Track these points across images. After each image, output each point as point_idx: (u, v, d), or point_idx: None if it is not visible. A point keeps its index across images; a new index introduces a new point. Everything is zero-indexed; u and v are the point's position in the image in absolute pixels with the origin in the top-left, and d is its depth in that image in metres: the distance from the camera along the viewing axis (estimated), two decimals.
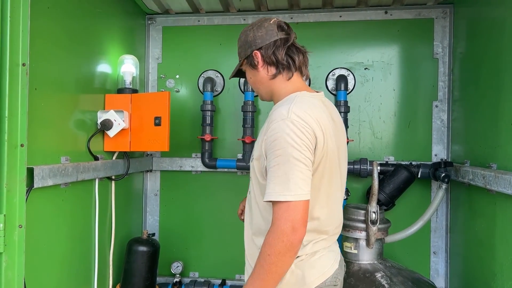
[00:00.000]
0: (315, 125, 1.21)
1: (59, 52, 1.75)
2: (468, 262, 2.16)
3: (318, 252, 1.30)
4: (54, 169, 1.61)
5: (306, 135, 1.18)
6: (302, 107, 1.23)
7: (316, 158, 1.22)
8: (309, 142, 1.18)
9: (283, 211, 1.14)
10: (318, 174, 1.24)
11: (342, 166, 1.40)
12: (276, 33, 1.35)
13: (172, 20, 2.72)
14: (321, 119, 1.24)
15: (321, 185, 1.26)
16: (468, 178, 2.00)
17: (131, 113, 2.12)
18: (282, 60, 1.34)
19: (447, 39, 2.47)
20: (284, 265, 1.16)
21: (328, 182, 1.29)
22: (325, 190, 1.29)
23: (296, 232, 1.13)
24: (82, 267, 1.96)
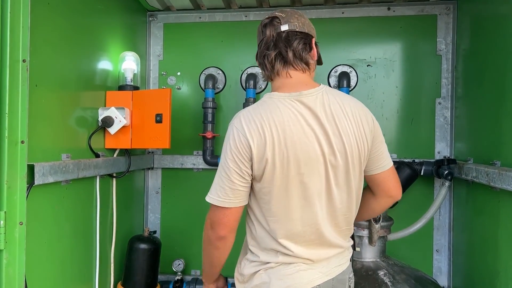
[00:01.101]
0: (255, 135, 1.19)
1: (60, 48, 1.74)
2: (472, 260, 2.14)
3: (293, 266, 1.26)
4: (55, 166, 1.61)
5: (239, 145, 1.20)
6: (249, 115, 1.22)
7: (255, 168, 1.21)
8: (241, 153, 1.20)
9: (209, 209, 1.30)
10: (265, 184, 1.22)
11: (338, 174, 1.24)
12: (260, 35, 1.37)
13: (173, 17, 2.70)
14: (271, 128, 1.18)
15: (271, 197, 1.23)
16: (471, 175, 1.98)
17: (132, 110, 2.11)
18: (270, 62, 1.31)
19: (451, 36, 2.45)
20: (209, 253, 1.36)
21: (283, 194, 1.22)
22: (279, 203, 1.23)
23: (213, 230, 1.29)
24: (84, 265, 1.95)
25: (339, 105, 1.27)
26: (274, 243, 1.28)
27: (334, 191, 1.25)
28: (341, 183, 1.26)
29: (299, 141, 1.20)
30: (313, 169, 1.22)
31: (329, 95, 1.28)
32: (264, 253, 1.31)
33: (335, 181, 1.25)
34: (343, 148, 1.23)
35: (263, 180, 1.22)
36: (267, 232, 1.29)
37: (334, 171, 1.24)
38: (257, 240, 1.32)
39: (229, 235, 1.29)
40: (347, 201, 1.29)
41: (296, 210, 1.25)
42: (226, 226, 1.28)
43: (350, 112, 1.27)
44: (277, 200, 1.24)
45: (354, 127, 1.26)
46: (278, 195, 1.23)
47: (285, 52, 1.28)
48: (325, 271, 1.29)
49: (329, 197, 1.26)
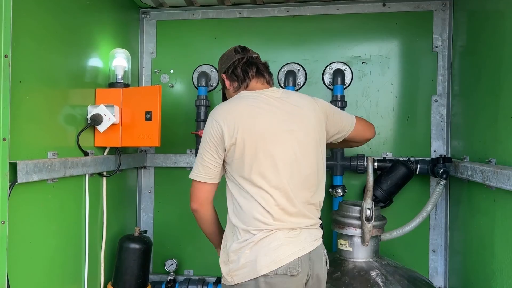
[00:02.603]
0: (228, 120, 1.47)
1: (47, 45, 1.71)
2: (468, 260, 2.10)
3: (275, 241, 1.44)
4: (39, 164, 1.58)
5: (212, 130, 1.49)
6: (222, 107, 1.54)
7: (226, 146, 1.47)
8: (214, 137, 1.49)
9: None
10: (236, 161, 1.47)
11: (298, 149, 1.50)
12: (233, 56, 1.67)
13: (166, 14, 2.67)
14: (241, 114, 1.48)
15: (243, 173, 1.47)
16: (467, 174, 1.95)
17: (122, 108, 2.08)
18: (239, 76, 1.63)
19: (447, 32, 2.41)
20: (197, 220, 1.65)
21: (250, 170, 1.46)
22: (248, 178, 1.46)
23: (192, 202, 1.60)
24: (72, 265, 1.92)
25: (296, 95, 1.63)
26: (253, 213, 1.47)
27: (299, 159, 1.49)
28: (305, 153, 1.51)
29: (268, 122, 1.49)
30: (279, 143, 1.48)
31: (286, 91, 1.64)
32: (245, 227, 1.48)
33: (299, 151, 1.49)
34: (304, 125, 1.52)
35: (234, 157, 1.48)
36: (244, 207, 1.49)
37: (298, 144, 1.50)
38: (237, 217, 1.51)
39: (200, 208, 1.59)
40: (310, 168, 1.52)
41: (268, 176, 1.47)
42: (197, 199, 1.58)
43: (303, 100, 1.60)
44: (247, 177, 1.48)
45: (310, 108, 1.57)
46: (247, 174, 1.47)
47: (260, 67, 1.67)
48: (303, 246, 1.47)
49: (294, 165, 1.48)
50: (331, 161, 2.39)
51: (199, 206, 1.59)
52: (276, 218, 1.45)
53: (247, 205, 1.47)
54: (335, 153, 2.40)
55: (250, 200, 1.47)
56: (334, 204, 2.40)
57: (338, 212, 1.97)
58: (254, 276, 1.42)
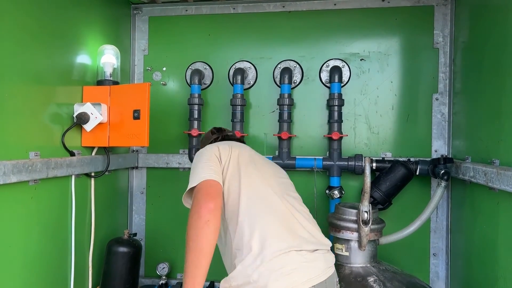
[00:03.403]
0: (223, 144, 1.61)
1: (29, 41, 1.63)
2: (470, 265, 2.02)
3: (287, 266, 1.32)
4: (18, 164, 1.50)
5: (210, 150, 1.55)
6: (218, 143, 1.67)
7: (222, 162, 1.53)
8: (213, 153, 1.54)
9: (194, 197, 1.43)
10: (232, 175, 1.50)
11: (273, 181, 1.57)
12: (210, 136, 1.81)
13: (159, 10, 2.60)
14: (232, 146, 1.59)
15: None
16: (469, 175, 1.86)
17: (110, 106, 2.01)
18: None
19: (448, 28, 2.33)
20: (207, 233, 1.32)
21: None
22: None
23: (207, 202, 1.34)
24: (57, 270, 1.84)
25: None
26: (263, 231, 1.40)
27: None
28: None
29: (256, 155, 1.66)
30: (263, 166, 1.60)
31: None
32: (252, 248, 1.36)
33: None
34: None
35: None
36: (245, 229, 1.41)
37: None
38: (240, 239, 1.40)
39: (217, 210, 1.32)
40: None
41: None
42: (213, 196, 1.35)
43: None
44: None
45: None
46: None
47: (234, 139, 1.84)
48: (318, 273, 1.35)
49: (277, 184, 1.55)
50: (327, 161, 2.31)
51: (219, 205, 1.33)
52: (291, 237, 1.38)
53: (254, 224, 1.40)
54: (332, 153, 2.32)
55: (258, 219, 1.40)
56: (331, 206, 2.32)
57: (334, 215, 1.89)
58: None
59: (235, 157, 1.53)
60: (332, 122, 2.31)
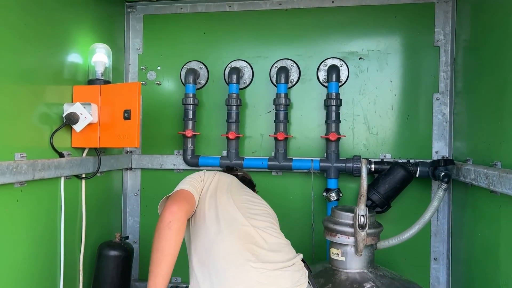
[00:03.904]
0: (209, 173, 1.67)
1: (14, 39, 1.58)
2: (471, 270, 1.95)
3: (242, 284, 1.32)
4: (1, 166, 1.45)
5: (197, 174, 1.64)
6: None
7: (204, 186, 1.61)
8: (198, 176, 1.62)
9: (167, 202, 1.49)
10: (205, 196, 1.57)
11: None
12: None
13: (153, 8, 2.55)
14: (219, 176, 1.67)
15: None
16: (470, 177, 1.80)
17: (100, 106, 1.95)
18: None
19: (450, 26, 2.26)
20: (167, 234, 1.37)
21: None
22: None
23: (171, 205, 1.40)
24: (46, 275, 1.79)
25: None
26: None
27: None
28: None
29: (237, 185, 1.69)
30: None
31: None
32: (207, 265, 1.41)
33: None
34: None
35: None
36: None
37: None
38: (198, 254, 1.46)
39: (180, 213, 1.36)
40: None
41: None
42: (181, 201, 1.41)
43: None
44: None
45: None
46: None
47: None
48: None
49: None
50: (325, 162, 2.25)
51: (183, 208, 1.38)
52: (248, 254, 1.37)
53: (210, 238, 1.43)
54: (330, 154, 2.26)
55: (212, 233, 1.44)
56: (328, 209, 2.26)
57: (330, 218, 1.83)
58: None
59: (215, 182, 1.61)
60: (330, 122, 2.25)
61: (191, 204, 1.47)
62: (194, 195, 1.50)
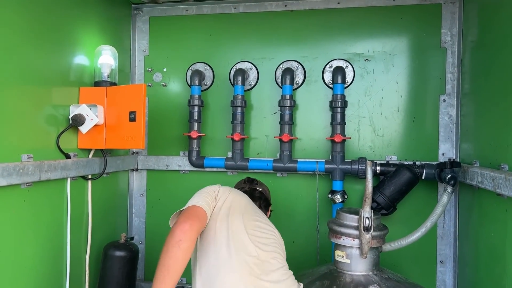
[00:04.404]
0: (223, 189, 1.68)
1: (24, 39, 1.60)
2: (478, 273, 1.93)
3: None
4: (8, 167, 1.47)
5: (210, 188, 1.65)
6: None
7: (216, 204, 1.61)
8: (211, 191, 1.64)
9: (179, 218, 1.51)
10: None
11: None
12: (241, 183, 1.97)
13: (159, 10, 2.56)
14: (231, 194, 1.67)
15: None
16: (476, 180, 1.78)
17: (106, 108, 1.97)
18: None
19: (457, 27, 2.24)
20: (176, 251, 1.39)
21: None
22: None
23: (184, 222, 1.42)
24: (52, 275, 1.81)
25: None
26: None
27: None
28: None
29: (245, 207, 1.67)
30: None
31: None
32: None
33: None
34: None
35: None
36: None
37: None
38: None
39: (193, 231, 1.37)
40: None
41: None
42: (194, 218, 1.41)
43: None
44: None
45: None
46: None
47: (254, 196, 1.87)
48: None
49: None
50: (330, 164, 2.25)
51: (194, 227, 1.38)
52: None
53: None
54: (335, 156, 2.25)
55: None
56: (333, 211, 2.25)
57: (335, 220, 1.82)
58: None
59: (229, 201, 1.61)
60: (335, 124, 2.25)
61: (203, 223, 1.48)
62: (207, 212, 1.51)
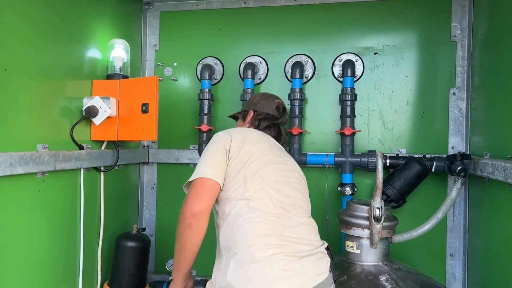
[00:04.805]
0: (237, 134, 1.56)
1: (38, 35, 1.63)
2: (488, 266, 1.93)
3: (269, 273, 1.28)
4: (25, 156, 1.50)
5: (221, 139, 1.55)
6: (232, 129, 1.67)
7: (231, 154, 1.50)
8: (222, 143, 1.53)
9: (189, 191, 1.54)
10: (234, 170, 1.48)
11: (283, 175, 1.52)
12: (272, 110, 1.77)
13: (170, 5, 2.58)
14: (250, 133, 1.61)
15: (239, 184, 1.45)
16: (487, 171, 1.78)
17: (119, 100, 2.00)
18: (261, 127, 1.74)
19: (467, 20, 2.24)
20: (189, 231, 1.43)
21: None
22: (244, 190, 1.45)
23: (195, 204, 1.41)
24: (66, 263, 1.84)
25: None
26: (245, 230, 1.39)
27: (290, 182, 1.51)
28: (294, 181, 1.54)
29: (270, 149, 1.58)
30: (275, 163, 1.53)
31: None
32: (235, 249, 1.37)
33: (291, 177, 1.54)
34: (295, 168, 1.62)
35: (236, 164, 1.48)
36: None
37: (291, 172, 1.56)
38: (227, 237, 1.42)
39: (204, 212, 1.38)
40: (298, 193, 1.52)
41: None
42: (204, 198, 1.39)
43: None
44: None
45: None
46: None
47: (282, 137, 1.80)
48: (305, 280, 1.29)
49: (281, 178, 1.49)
50: (340, 157, 2.26)
51: (204, 208, 1.37)
52: (273, 240, 1.33)
53: (239, 221, 1.38)
54: (344, 149, 2.26)
55: (243, 215, 1.38)
56: (342, 203, 2.26)
57: (345, 211, 1.84)
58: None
59: (244, 153, 1.48)
60: (345, 117, 2.26)
61: (213, 197, 1.43)
62: (219, 182, 1.43)
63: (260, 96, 1.85)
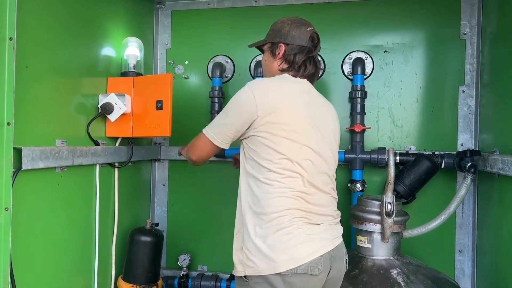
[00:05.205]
0: (266, 98, 1.42)
1: (56, 33, 1.67)
2: (498, 262, 1.95)
3: (294, 237, 1.36)
4: (46, 151, 1.54)
5: (245, 102, 1.42)
6: (264, 81, 1.50)
7: (255, 121, 1.41)
8: (244, 108, 1.43)
9: (199, 142, 1.64)
10: (264, 139, 1.41)
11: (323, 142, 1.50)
12: (306, 41, 1.53)
13: (182, 4, 2.62)
14: (283, 92, 1.46)
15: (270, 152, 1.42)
16: (497, 167, 1.80)
17: (133, 97, 2.03)
18: (297, 64, 1.53)
19: (476, 18, 2.26)
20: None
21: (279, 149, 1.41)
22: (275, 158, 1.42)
23: (193, 155, 1.68)
24: (81, 256, 1.88)
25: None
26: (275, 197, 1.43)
27: (317, 143, 1.46)
28: (326, 146, 1.51)
29: (304, 111, 1.46)
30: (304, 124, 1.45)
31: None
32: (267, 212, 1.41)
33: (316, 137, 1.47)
34: (329, 126, 1.58)
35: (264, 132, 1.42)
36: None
37: (323, 136, 1.50)
38: (257, 201, 1.45)
39: (198, 161, 1.66)
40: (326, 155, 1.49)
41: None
42: (201, 155, 1.63)
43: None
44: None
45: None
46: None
47: (318, 71, 1.62)
48: (324, 244, 1.40)
49: (314, 147, 1.44)
50: (350, 154, 2.28)
51: (199, 160, 1.65)
52: (300, 207, 1.40)
53: (269, 188, 1.40)
54: (354, 146, 2.29)
55: (275, 182, 1.40)
56: (353, 199, 2.29)
57: (357, 206, 1.87)
58: (271, 272, 1.35)
59: (275, 121, 1.40)
60: (355, 114, 2.28)
61: (212, 154, 1.62)
62: (223, 147, 1.52)
63: (290, 25, 1.55)
